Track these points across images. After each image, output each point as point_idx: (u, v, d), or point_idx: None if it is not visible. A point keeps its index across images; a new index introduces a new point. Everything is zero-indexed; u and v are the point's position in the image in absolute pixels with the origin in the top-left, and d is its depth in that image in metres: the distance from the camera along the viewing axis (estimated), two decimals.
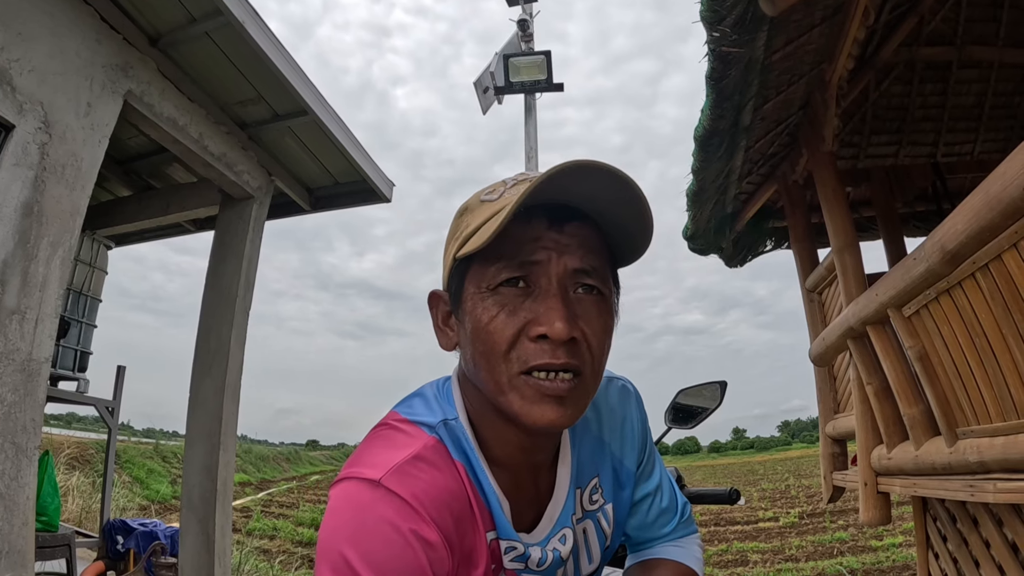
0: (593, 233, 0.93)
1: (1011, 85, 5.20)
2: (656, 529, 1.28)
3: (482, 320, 0.89)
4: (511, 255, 0.89)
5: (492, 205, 0.91)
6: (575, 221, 0.91)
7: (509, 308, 0.88)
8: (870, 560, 9.53)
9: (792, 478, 31.47)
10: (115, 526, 6.56)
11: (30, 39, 2.99)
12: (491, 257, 0.89)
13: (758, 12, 2.72)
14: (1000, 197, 2.06)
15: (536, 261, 0.89)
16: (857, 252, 3.89)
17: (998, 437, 2.45)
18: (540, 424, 0.88)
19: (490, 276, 0.90)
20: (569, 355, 0.88)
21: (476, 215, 0.93)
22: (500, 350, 0.88)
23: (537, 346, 0.87)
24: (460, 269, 0.95)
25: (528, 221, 0.89)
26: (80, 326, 6.54)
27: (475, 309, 0.91)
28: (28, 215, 2.97)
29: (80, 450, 17.54)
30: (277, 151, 4.99)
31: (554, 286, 0.89)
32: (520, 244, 0.89)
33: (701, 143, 3.78)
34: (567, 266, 0.90)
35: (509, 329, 0.88)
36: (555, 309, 0.86)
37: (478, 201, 0.95)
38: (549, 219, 0.90)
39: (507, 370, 0.88)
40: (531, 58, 5.44)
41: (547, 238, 0.90)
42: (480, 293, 0.91)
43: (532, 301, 0.89)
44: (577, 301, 0.91)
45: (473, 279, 0.92)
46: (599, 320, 0.92)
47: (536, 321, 0.87)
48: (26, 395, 2.93)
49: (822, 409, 4.75)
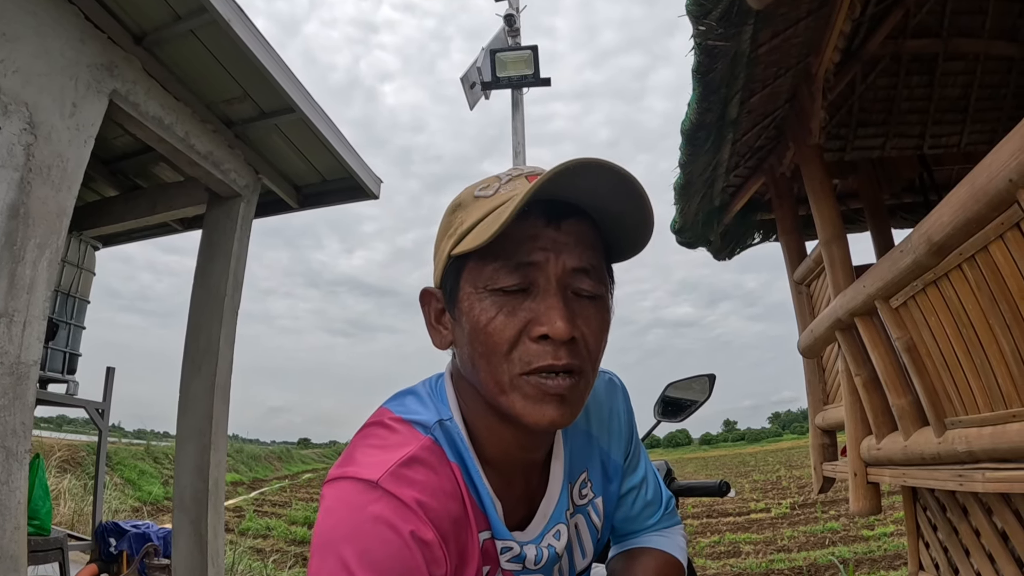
0: (589, 229, 0.93)
1: (997, 77, 5.22)
2: (641, 521, 1.28)
3: (481, 321, 0.89)
4: (509, 254, 0.88)
5: (487, 201, 0.91)
6: (572, 218, 0.90)
7: (508, 308, 0.88)
8: (862, 550, 9.58)
9: (783, 469, 31.67)
10: (108, 528, 6.53)
11: (14, 39, 2.96)
12: (488, 256, 0.88)
13: (744, 6, 2.73)
14: (986, 189, 2.08)
15: (534, 261, 0.88)
16: (844, 244, 3.91)
17: (986, 427, 2.47)
18: (542, 424, 0.88)
19: (487, 276, 0.89)
20: (570, 355, 0.88)
21: (471, 211, 0.92)
22: (501, 351, 0.88)
23: (539, 346, 0.87)
24: (455, 267, 0.94)
25: (525, 218, 0.87)
26: (69, 328, 6.49)
27: (473, 309, 0.90)
28: (14, 217, 2.95)
29: (71, 453, 17.48)
30: (264, 149, 4.96)
31: (553, 285, 0.88)
32: (518, 243, 0.88)
33: (688, 136, 3.79)
34: (565, 265, 0.89)
35: (509, 330, 0.87)
36: (555, 308, 0.86)
37: (472, 197, 0.95)
38: (547, 216, 0.89)
39: (508, 371, 0.88)
40: (518, 53, 5.43)
41: (545, 236, 0.89)
42: (477, 293, 0.90)
43: (532, 301, 0.88)
44: (575, 300, 0.91)
45: (469, 278, 0.91)
46: (596, 318, 0.92)
47: (537, 321, 0.87)
48: (15, 398, 2.91)
49: (811, 400, 4.77)
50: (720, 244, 5.88)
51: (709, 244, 5.86)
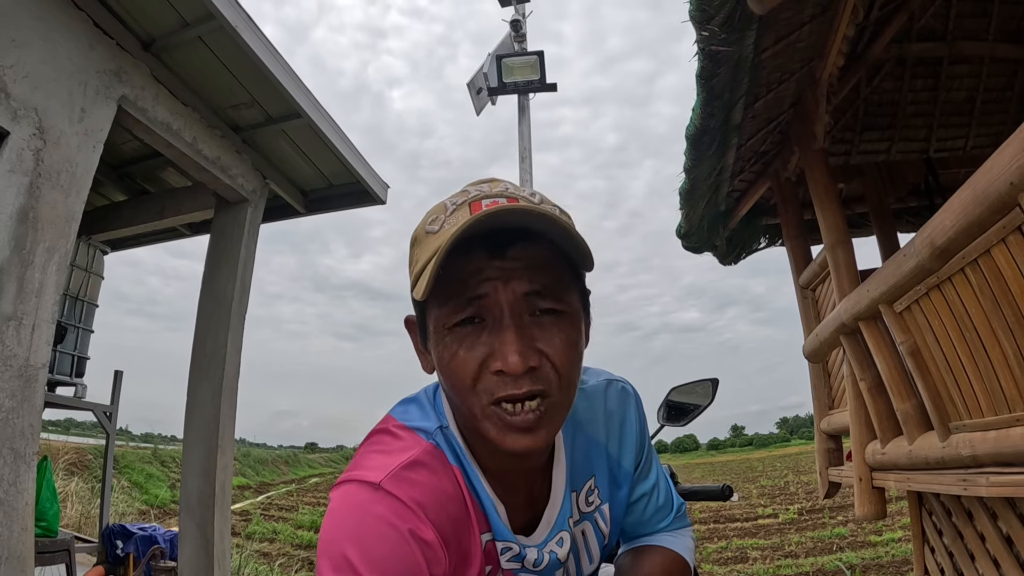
0: (540, 250, 0.90)
1: (1002, 80, 5.21)
2: (652, 525, 1.29)
3: (444, 358, 0.90)
4: (459, 292, 0.88)
5: (434, 238, 0.90)
6: (518, 243, 0.88)
7: (467, 344, 0.88)
8: (869, 555, 9.53)
9: (791, 474, 31.48)
10: (114, 531, 6.56)
11: (23, 45, 2.99)
12: (441, 297, 0.89)
13: (747, 10, 2.73)
14: (988, 192, 2.08)
15: (482, 294, 0.88)
16: (850, 248, 3.91)
17: (990, 431, 2.46)
18: (517, 450, 0.89)
19: (444, 316, 0.90)
20: (532, 382, 0.88)
21: (423, 248, 0.91)
22: (466, 385, 0.89)
23: (499, 378, 0.87)
24: (420, 307, 0.96)
25: (468, 253, 0.87)
26: (77, 331, 6.54)
27: (438, 347, 0.92)
28: (24, 221, 2.98)
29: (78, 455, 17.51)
30: (271, 154, 5.00)
31: (506, 316, 0.88)
32: (464, 281, 0.88)
33: (693, 142, 3.80)
34: (515, 292, 0.88)
35: (470, 365, 0.88)
36: (508, 343, 0.86)
37: (424, 232, 0.93)
38: (489, 248, 0.88)
39: (477, 401, 0.89)
40: (524, 58, 5.45)
41: (490, 268, 0.88)
42: (439, 332, 0.91)
43: (488, 334, 0.88)
44: (535, 323, 0.90)
45: (432, 318, 0.93)
46: (559, 337, 0.90)
47: (492, 356, 0.87)
48: (23, 401, 2.94)
49: (817, 405, 4.76)
50: (726, 249, 5.87)
51: (715, 249, 5.85)
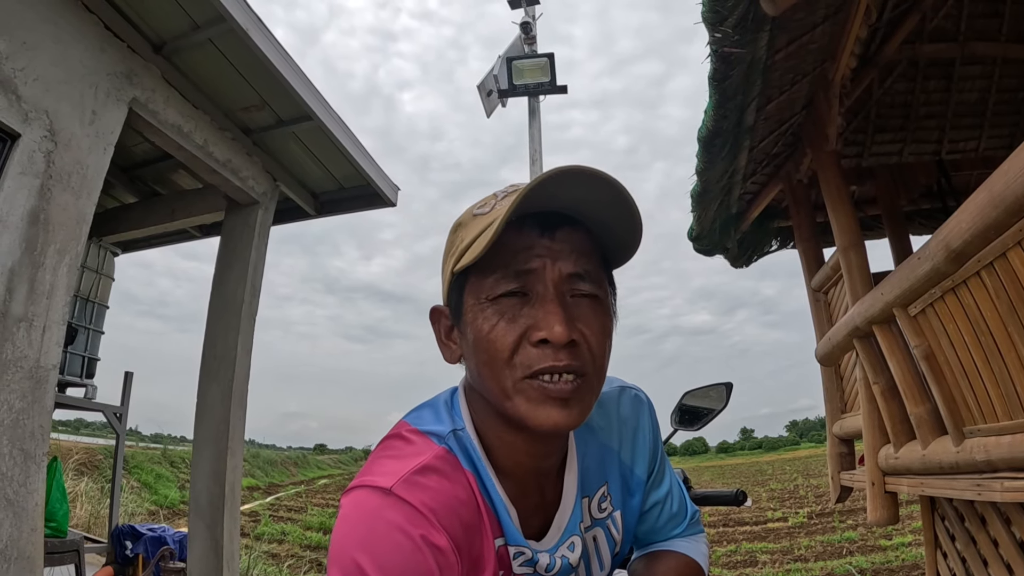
0: (584, 237, 0.95)
1: (1015, 81, 5.18)
2: (665, 533, 1.29)
3: (483, 329, 0.91)
4: (506, 265, 0.91)
5: (484, 218, 0.93)
6: (565, 227, 0.94)
7: (509, 316, 0.90)
8: (879, 560, 9.48)
9: (801, 478, 31.34)
10: (124, 531, 6.59)
11: (34, 48, 3.01)
12: (487, 268, 0.92)
13: (759, 12, 2.72)
14: (1004, 195, 2.06)
15: (531, 269, 0.91)
16: (862, 251, 3.89)
17: (1005, 436, 2.44)
18: (546, 426, 0.90)
19: (488, 287, 0.92)
20: (571, 357, 0.89)
21: (470, 229, 0.95)
22: (503, 357, 0.90)
23: (539, 351, 0.89)
24: (458, 283, 0.97)
25: (520, 230, 0.91)
26: (87, 332, 6.58)
27: (476, 320, 0.93)
28: (35, 223, 2.99)
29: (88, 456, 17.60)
30: (282, 156, 5.01)
31: (551, 291, 0.91)
32: (514, 253, 0.91)
33: (704, 144, 3.78)
34: (561, 271, 0.92)
35: (510, 336, 0.90)
36: (553, 313, 0.88)
37: (471, 216, 0.98)
38: (540, 227, 0.92)
39: (511, 375, 0.90)
40: (534, 60, 5.45)
41: (540, 245, 0.92)
42: (479, 304, 0.93)
43: (530, 307, 0.91)
44: (574, 305, 0.93)
45: (472, 291, 0.94)
46: (597, 321, 0.94)
47: (536, 326, 0.89)
48: (34, 402, 2.95)
49: (829, 409, 4.73)
50: (737, 251, 5.86)
51: (726, 251, 5.84)
